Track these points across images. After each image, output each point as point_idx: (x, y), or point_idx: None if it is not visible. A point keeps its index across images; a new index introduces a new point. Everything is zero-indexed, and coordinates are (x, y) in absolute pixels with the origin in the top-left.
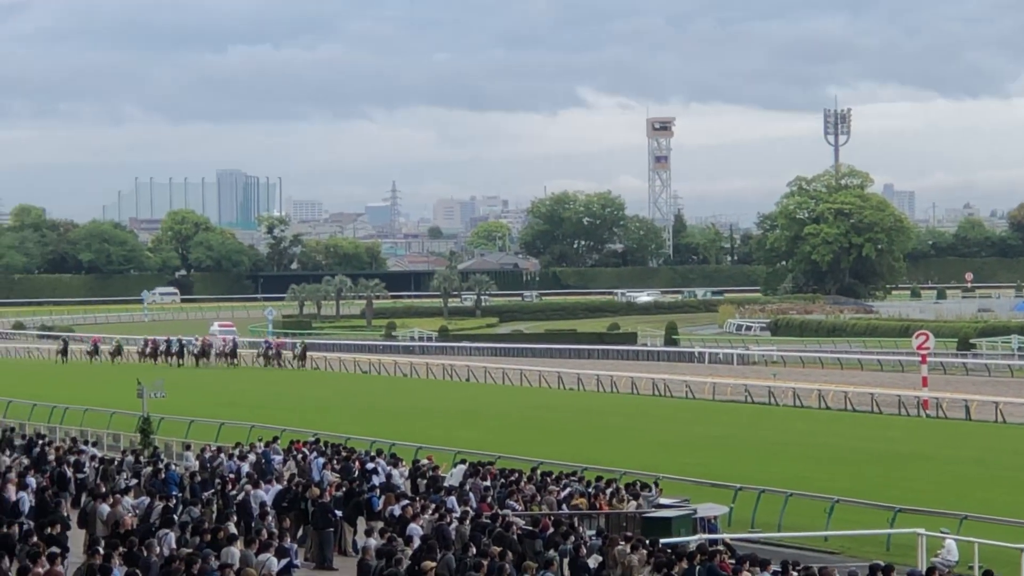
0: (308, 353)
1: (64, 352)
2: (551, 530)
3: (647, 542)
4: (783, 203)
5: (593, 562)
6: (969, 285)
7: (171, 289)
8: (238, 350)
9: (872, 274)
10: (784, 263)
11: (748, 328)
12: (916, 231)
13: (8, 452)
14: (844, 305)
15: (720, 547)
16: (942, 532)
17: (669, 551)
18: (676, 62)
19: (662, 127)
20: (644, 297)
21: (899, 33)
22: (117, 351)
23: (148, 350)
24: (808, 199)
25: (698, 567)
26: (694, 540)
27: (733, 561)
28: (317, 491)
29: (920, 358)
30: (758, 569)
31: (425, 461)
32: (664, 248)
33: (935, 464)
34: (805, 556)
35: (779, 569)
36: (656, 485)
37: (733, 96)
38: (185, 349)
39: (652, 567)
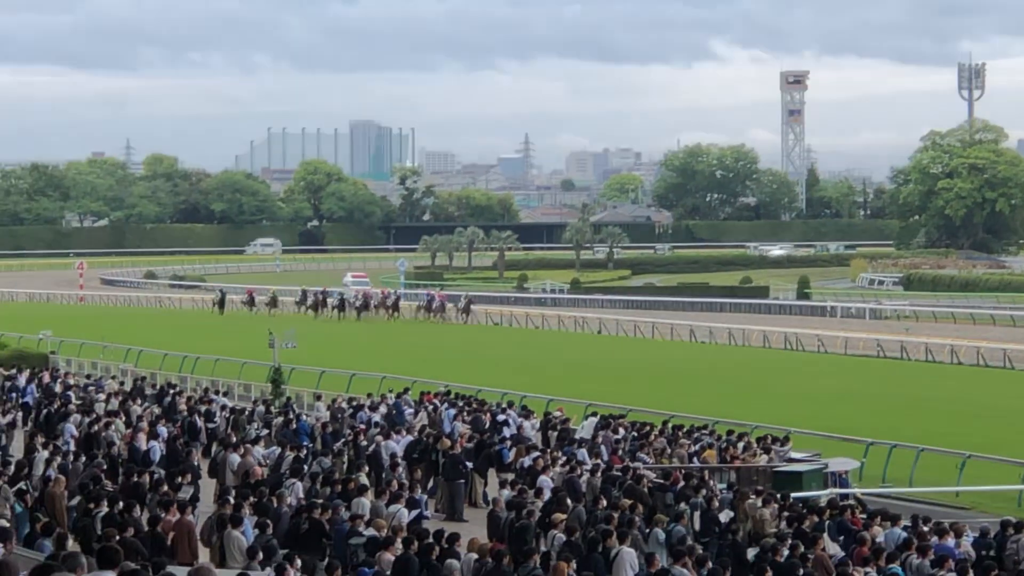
0: (471, 306)
1: (221, 304)
2: (682, 483)
3: (778, 496)
4: (916, 158)
5: (724, 516)
6: None
7: (270, 240)
8: (400, 302)
9: (1006, 229)
10: (917, 218)
11: (880, 283)
12: None
13: (140, 401)
14: (977, 260)
15: (851, 502)
16: None
17: (800, 505)
18: (809, 15)
19: (796, 80)
20: (776, 251)
21: None
22: (272, 302)
23: (310, 301)
24: (942, 154)
25: (828, 522)
26: (825, 495)
27: (864, 516)
28: (448, 442)
29: None
30: (888, 524)
31: (557, 413)
32: (797, 202)
33: None
34: (936, 512)
35: (909, 524)
36: (787, 439)
37: (866, 50)
38: (346, 302)
39: (783, 521)
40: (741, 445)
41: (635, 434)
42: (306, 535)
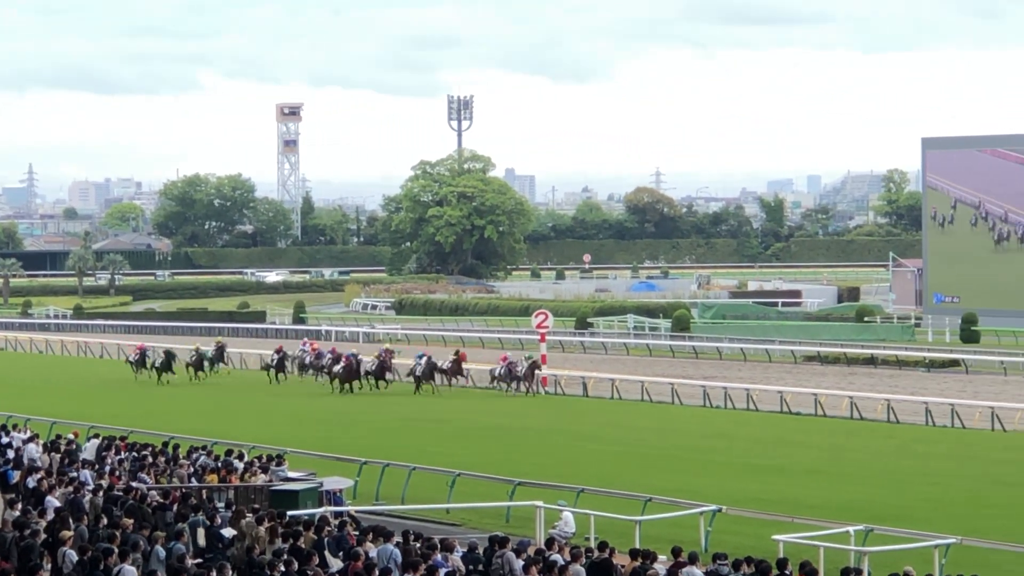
0: None
1: None
2: (180, 503)
3: (275, 514)
4: (407, 186)
5: (228, 532)
6: (587, 266)
7: None
8: None
9: (494, 255)
10: (409, 244)
11: (374, 307)
12: (536, 213)
13: None
14: (467, 285)
15: (346, 519)
16: (559, 504)
17: (296, 523)
18: (295, 48)
19: (291, 112)
20: (273, 277)
21: (506, 23)
22: None
23: None
24: (432, 182)
25: (325, 538)
26: (320, 512)
27: (358, 532)
28: None
29: (539, 336)
30: (381, 540)
31: (71, 436)
32: (293, 229)
33: (553, 438)
34: (427, 527)
35: (400, 540)
36: (283, 459)
37: (352, 82)
38: None
39: (280, 538)
40: (240, 465)
41: (135, 454)
42: None
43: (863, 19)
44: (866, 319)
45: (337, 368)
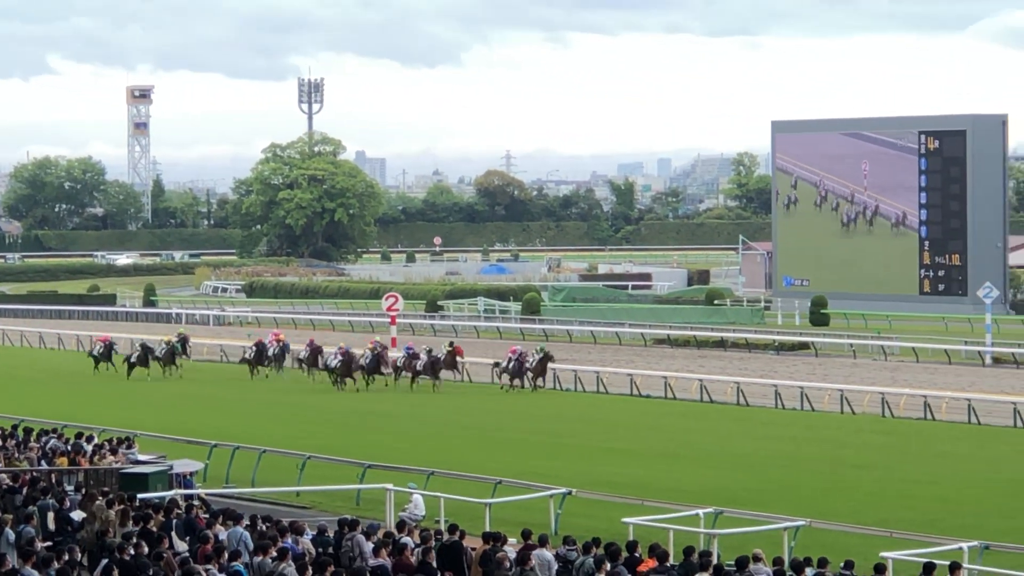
0: None
1: None
2: (29, 486)
3: (125, 497)
4: (258, 169)
5: (77, 516)
6: (438, 249)
7: None
8: None
9: (344, 238)
10: (259, 227)
11: (224, 290)
12: (387, 196)
13: None
14: (317, 268)
15: (195, 502)
16: (410, 487)
17: (146, 506)
18: (141, 31)
19: (141, 95)
20: (123, 259)
21: (355, 5)
22: None
23: None
24: (282, 165)
25: (175, 520)
26: (170, 495)
27: (207, 515)
28: None
29: (390, 319)
30: (231, 523)
31: None
32: (143, 212)
33: (403, 423)
34: (278, 511)
35: (249, 523)
36: (133, 442)
37: (201, 64)
38: None
39: (130, 521)
40: (89, 447)
41: None
42: None
43: (711, 3)
44: (716, 302)
45: (335, 362)
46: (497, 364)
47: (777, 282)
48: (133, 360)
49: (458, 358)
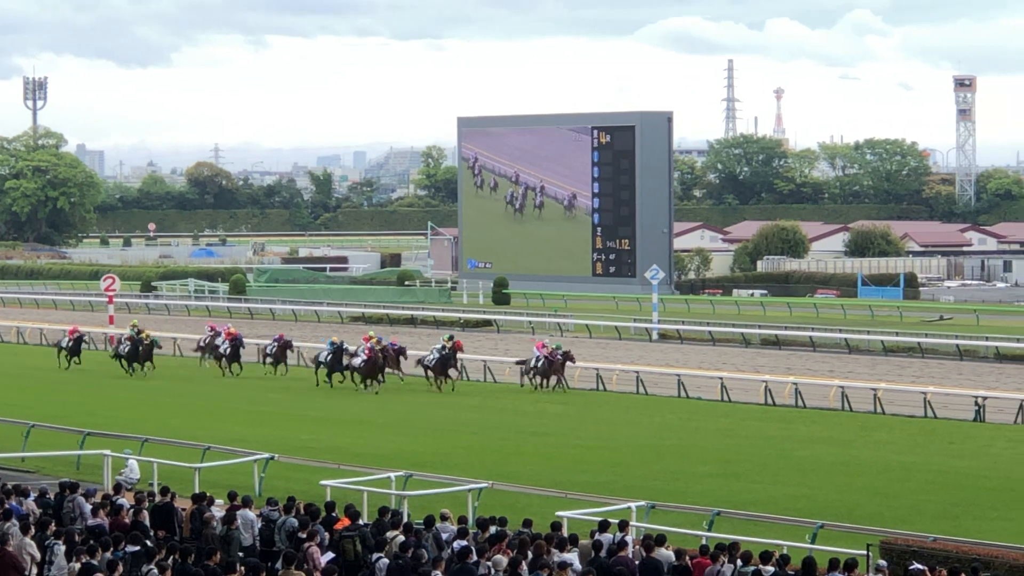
0: None
1: None
2: None
3: None
4: None
5: None
6: (152, 234)
7: None
8: None
9: (66, 224)
10: None
11: None
12: (105, 186)
13: None
14: (41, 251)
15: None
16: (125, 453)
17: None
18: None
19: None
20: None
21: (71, 10)
22: None
23: None
24: (9, 157)
25: None
26: None
27: None
28: None
29: (108, 298)
30: None
31: None
32: None
33: (117, 393)
34: (4, 475)
35: None
36: None
37: None
38: None
39: None
40: None
41: None
42: None
43: (398, 8)
44: (407, 283)
45: (358, 361)
46: (522, 362)
47: (462, 264)
48: (124, 353)
49: (458, 354)
